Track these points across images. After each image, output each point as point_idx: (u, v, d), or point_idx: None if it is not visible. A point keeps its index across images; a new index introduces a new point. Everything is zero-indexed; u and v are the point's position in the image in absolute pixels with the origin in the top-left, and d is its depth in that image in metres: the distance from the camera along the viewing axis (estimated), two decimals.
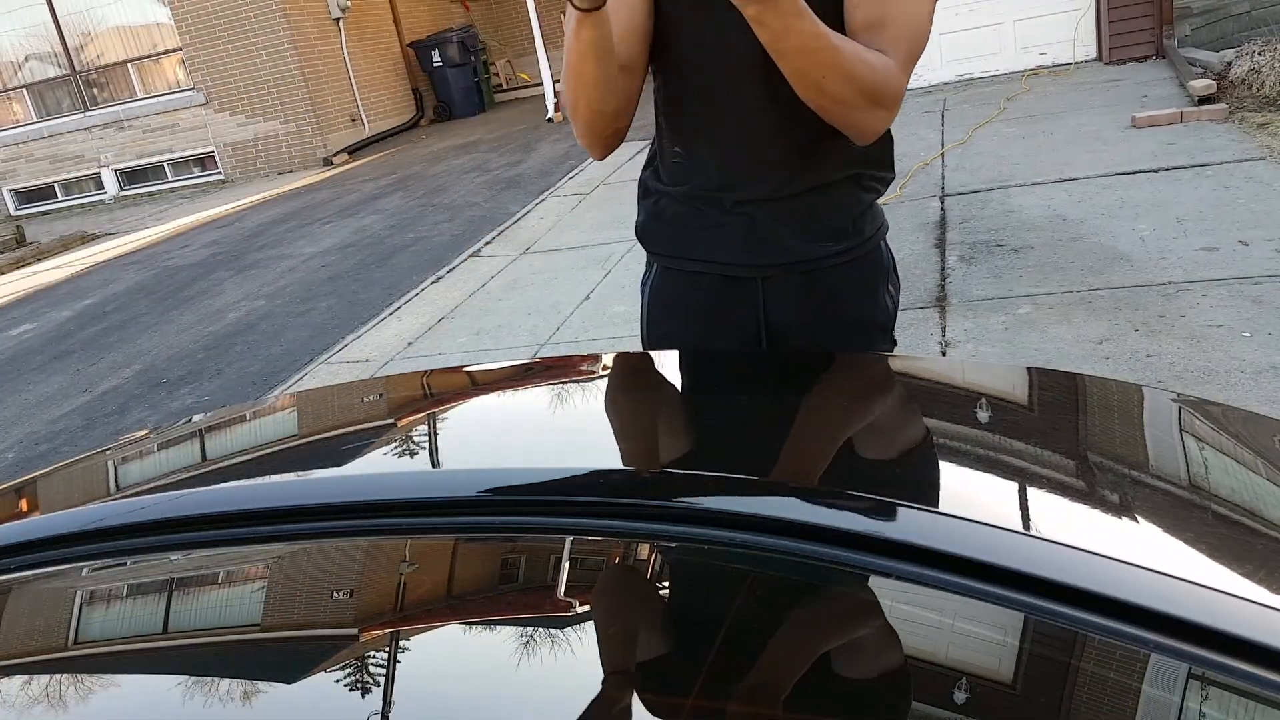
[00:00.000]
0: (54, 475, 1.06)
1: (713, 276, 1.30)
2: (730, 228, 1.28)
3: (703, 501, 0.63)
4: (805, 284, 1.27)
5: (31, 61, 12.49)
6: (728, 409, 0.92)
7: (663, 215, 1.35)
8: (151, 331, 5.63)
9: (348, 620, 0.61)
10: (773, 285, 1.27)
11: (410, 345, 4.42)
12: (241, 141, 11.66)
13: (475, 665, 0.54)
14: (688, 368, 1.11)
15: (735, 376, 1.05)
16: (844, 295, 1.28)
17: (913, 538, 0.54)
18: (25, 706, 0.55)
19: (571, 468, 0.76)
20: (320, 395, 1.54)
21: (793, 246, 1.26)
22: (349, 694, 0.53)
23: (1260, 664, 0.44)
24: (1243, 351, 2.81)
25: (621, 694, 0.49)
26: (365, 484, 0.78)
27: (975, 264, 3.91)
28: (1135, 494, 0.67)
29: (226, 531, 0.71)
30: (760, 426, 0.83)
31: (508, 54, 14.81)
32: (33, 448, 4.17)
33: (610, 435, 0.89)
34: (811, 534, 0.57)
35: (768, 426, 0.83)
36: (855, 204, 1.30)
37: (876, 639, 0.52)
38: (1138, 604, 0.47)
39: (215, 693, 0.54)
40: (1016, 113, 6.29)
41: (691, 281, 1.32)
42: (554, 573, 0.64)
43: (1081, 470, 0.72)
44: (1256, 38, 6.25)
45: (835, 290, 1.28)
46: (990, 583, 0.51)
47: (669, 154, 1.31)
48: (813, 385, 1.01)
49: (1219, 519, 0.63)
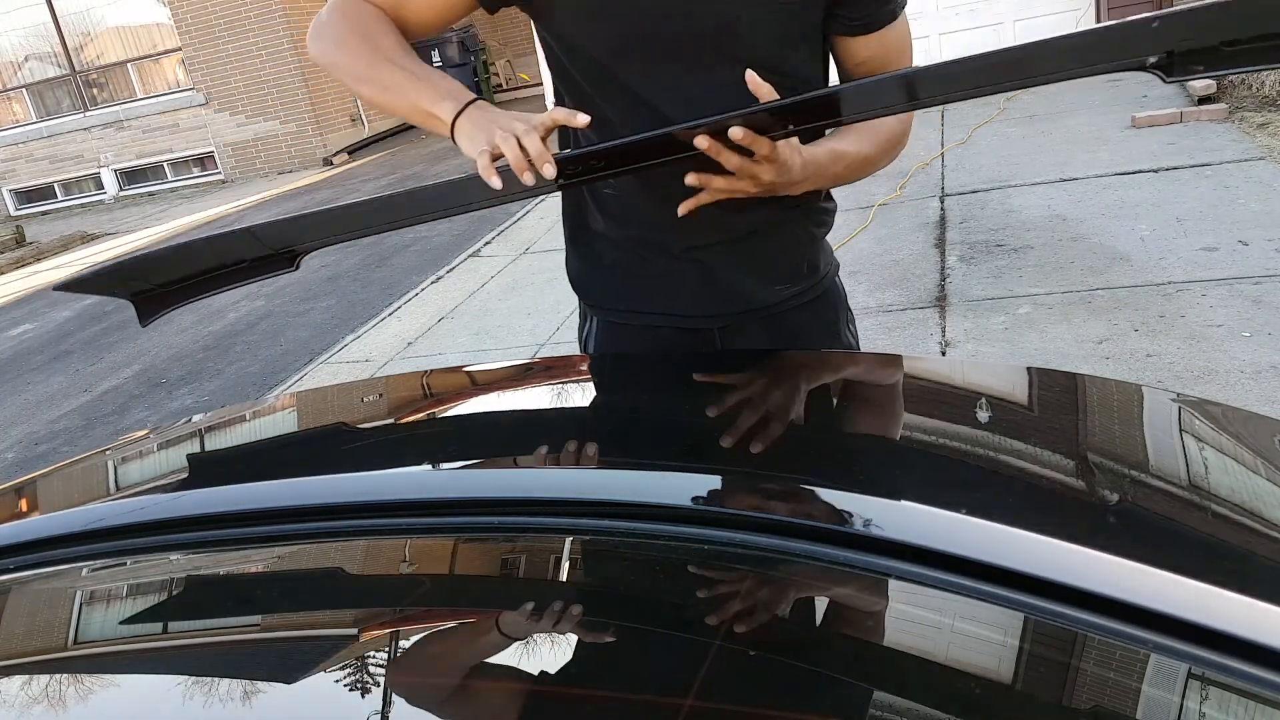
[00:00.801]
0: (54, 475, 1.06)
1: (665, 330, 1.19)
2: (681, 276, 1.16)
3: (703, 502, 0.63)
4: (765, 330, 1.19)
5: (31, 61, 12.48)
6: (728, 409, 0.92)
7: (601, 262, 1.22)
8: (151, 331, 5.63)
9: (348, 620, 0.61)
10: (730, 335, 1.18)
11: (410, 345, 4.42)
12: (241, 142, 11.66)
13: (475, 665, 0.54)
14: (688, 368, 1.11)
15: (736, 377, 1.05)
16: (808, 338, 1.22)
17: (912, 538, 0.54)
18: (25, 706, 0.55)
19: (571, 468, 0.76)
20: (320, 395, 1.54)
21: (752, 292, 1.17)
22: (349, 694, 0.53)
23: (1260, 664, 0.44)
24: (1243, 351, 2.81)
25: (621, 694, 0.49)
26: (365, 484, 0.78)
27: (975, 264, 3.90)
28: (1135, 494, 0.67)
29: (226, 531, 0.71)
30: (761, 427, 0.83)
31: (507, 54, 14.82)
32: (33, 448, 4.17)
33: (610, 435, 0.89)
34: (812, 535, 0.57)
35: (768, 427, 0.83)
36: (809, 240, 1.22)
37: (876, 639, 0.52)
38: (1138, 604, 0.47)
39: (215, 693, 0.54)
40: (1016, 113, 6.29)
41: (640, 336, 1.20)
42: (554, 573, 0.64)
43: (1081, 470, 0.72)
44: None
45: (798, 333, 1.20)
46: (990, 583, 0.51)
47: (599, 189, 1.18)
48: (814, 386, 1.01)
49: (1219, 519, 0.63)
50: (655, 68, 1.07)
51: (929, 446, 0.78)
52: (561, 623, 0.56)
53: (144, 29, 11.93)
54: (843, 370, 1.09)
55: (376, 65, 1.09)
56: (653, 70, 1.07)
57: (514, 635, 0.56)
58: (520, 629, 0.56)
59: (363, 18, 1.11)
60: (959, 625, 0.52)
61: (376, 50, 1.09)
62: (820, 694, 0.47)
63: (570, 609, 0.58)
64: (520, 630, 0.56)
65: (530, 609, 0.58)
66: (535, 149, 0.96)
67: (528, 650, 0.53)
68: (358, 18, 1.11)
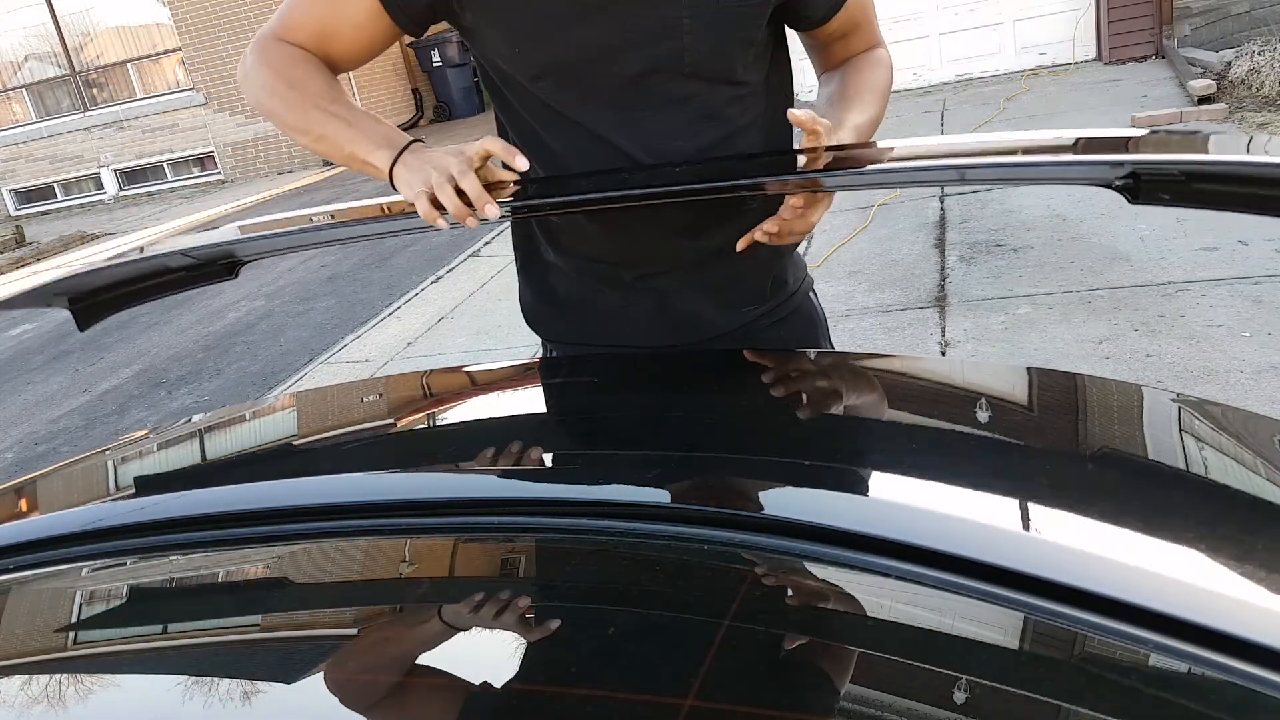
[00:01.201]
0: (54, 475, 1.06)
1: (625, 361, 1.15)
2: (636, 307, 1.12)
3: (703, 502, 0.63)
4: None
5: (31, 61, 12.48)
6: (728, 409, 0.92)
7: (554, 295, 1.17)
8: (151, 331, 5.63)
9: (348, 620, 0.61)
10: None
11: (410, 345, 4.42)
12: (241, 141, 11.66)
13: (475, 666, 0.54)
14: (688, 367, 1.11)
15: (736, 377, 1.05)
16: None
17: (911, 538, 0.54)
18: (25, 706, 0.55)
19: (571, 468, 0.76)
20: (320, 395, 1.54)
21: (712, 319, 1.12)
22: (348, 693, 0.53)
23: (1260, 664, 0.44)
24: (1242, 351, 2.81)
25: (621, 695, 0.49)
26: (365, 484, 0.78)
27: (975, 264, 3.90)
28: (1135, 494, 0.67)
29: (226, 531, 0.71)
30: (761, 426, 0.83)
31: None
32: (32, 448, 4.17)
33: (610, 435, 0.89)
34: (811, 535, 0.57)
35: (769, 426, 0.83)
36: (774, 256, 1.14)
37: (874, 640, 0.52)
38: (1138, 604, 0.47)
39: (215, 693, 0.54)
40: (1016, 113, 6.29)
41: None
42: (554, 573, 0.64)
43: (1080, 470, 0.72)
44: (1256, 38, 6.25)
45: None
46: (990, 583, 0.51)
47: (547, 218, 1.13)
48: (815, 386, 1.01)
49: (1219, 519, 0.63)
50: (596, 95, 1.01)
51: (929, 447, 0.78)
52: (561, 623, 0.56)
53: (144, 29, 11.93)
54: (844, 371, 1.09)
55: (307, 114, 1.04)
56: (593, 97, 1.01)
57: (513, 635, 0.56)
58: (520, 629, 0.56)
59: (289, 62, 1.06)
60: (959, 625, 0.52)
61: (305, 97, 1.04)
62: (820, 695, 0.47)
63: (570, 609, 0.58)
64: (520, 631, 0.56)
65: (530, 609, 0.58)
66: (473, 190, 0.93)
67: (527, 651, 0.53)
68: (283, 63, 1.06)
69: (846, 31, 1.12)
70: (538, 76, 1.02)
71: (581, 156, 1.04)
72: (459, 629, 0.57)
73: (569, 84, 1.01)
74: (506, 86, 1.06)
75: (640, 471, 0.73)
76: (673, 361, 1.14)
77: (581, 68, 0.99)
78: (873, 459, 0.75)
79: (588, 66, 0.99)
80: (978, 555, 0.52)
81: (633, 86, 1.00)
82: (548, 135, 1.05)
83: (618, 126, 1.02)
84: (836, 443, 0.81)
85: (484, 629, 0.57)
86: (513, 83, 1.05)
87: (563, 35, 0.98)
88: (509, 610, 0.57)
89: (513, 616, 0.57)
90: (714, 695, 0.47)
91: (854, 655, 0.51)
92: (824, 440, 0.81)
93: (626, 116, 1.01)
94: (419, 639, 0.57)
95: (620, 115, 1.01)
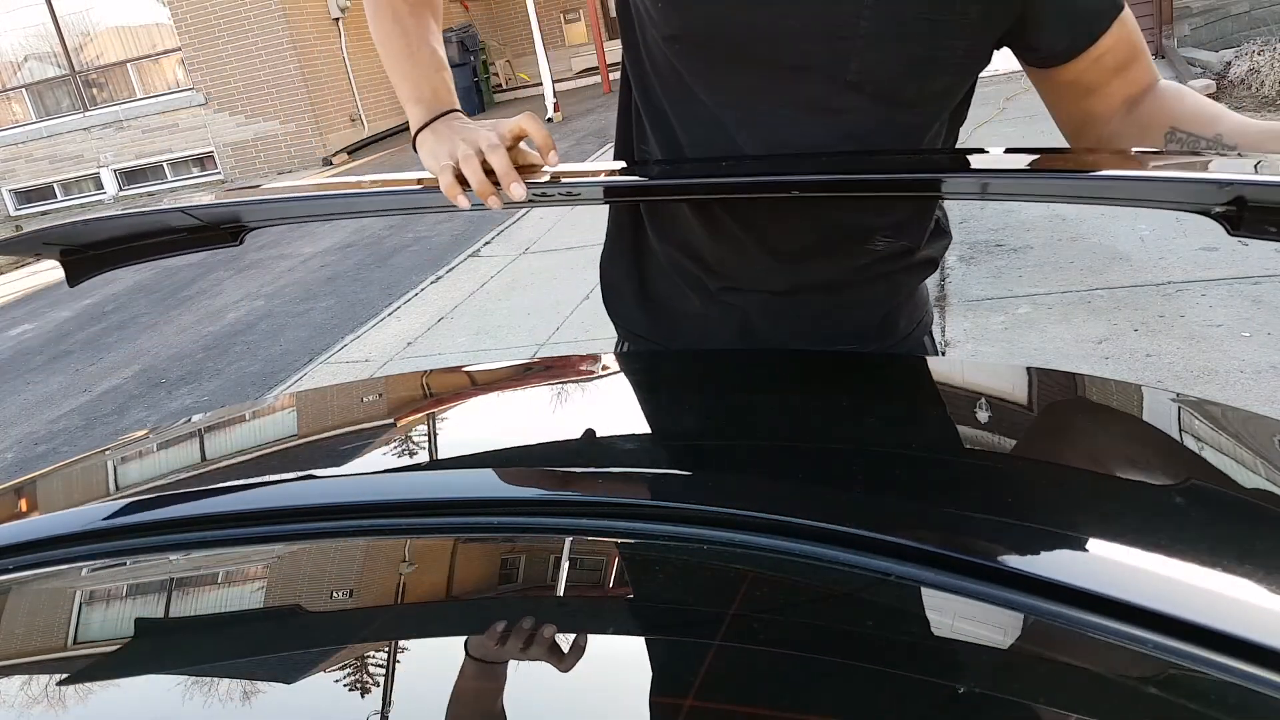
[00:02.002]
0: (53, 475, 1.06)
1: None
2: (716, 322, 1.01)
3: (703, 502, 0.63)
4: None
5: (31, 61, 12.48)
6: (728, 409, 0.92)
7: (642, 282, 1.05)
8: (151, 331, 5.63)
9: (347, 620, 0.61)
10: None
11: (410, 345, 4.42)
12: (241, 142, 11.65)
13: (474, 666, 0.54)
14: (689, 367, 1.11)
15: (737, 377, 1.05)
16: None
17: (910, 540, 0.54)
18: (25, 706, 0.55)
19: (571, 468, 0.76)
20: (320, 395, 1.54)
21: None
22: (349, 694, 0.53)
23: (1260, 664, 0.44)
24: (1242, 351, 2.81)
25: (620, 695, 0.50)
26: (365, 484, 0.78)
27: (975, 264, 3.90)
28: (1134, 494, 0.67)
29: (226, 531, 0.71)
30: (762, 426, 0.83)
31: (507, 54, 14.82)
32: (32, 448, 4.17)
33: (611, 435, 0.89)
34: (812, 535, 0.57)
35: (769, 426, 0.83)
36: (891, 293, 1.00)
37: (874, 641, 0.52)
38: (1138, 604, 0.47)
39: (215, 693, 0.54)
40: (1016, 112, 6.29)
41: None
42: (554, 573, 0.64)
43: (1079, 470, 0.72)
44: (1256, 38, 6.25)
45: None
46: (990, 583, 0.51)
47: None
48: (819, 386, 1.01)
49: (1218, 519, 0.63)
50: (734, 76, 0.86)
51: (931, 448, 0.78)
52: (561, 624, 0.56)
53: (143, 29, 11.93)
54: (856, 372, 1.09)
55: (387, 41, 0.99)
56: (729, 79, 0.86)
57: (513, 636, 0.56)
58: (519, 629, 0.56)
59: None
60: (959, 626, 0.52)
61: (396, 21, 0.99)
62: (820, 695, 0.47)
63: (569, 610, 0.58)
64: (519, 631, 0.56)
65: (529, 610, 0.58)
66: (501, 166, 0.86)
67: (526, 651, 0.53)
68: None
69: (1125, 62, 0.86)
70: (674, 36, 0.87)
71: (694, 149, 0.91)
72: (459, 630, 0.57)
73: (707, 54, 0.86)
74: (643, 37, 0.93)
75: (640, 471, 0.73)
76: (673, 361, 1.14)
77: (729, 37, 0.84)
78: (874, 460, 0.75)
79: (737, 39, 0.84)
80: (977, 556, 0.53)
81: (779, 79, 0.85)
82: (671, 108, 0.93)
83: (746, 123, 0.88)
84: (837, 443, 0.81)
85: (483, 629, 0.57)
86: (649, 39, 0.92)
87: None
88: (508, 610, 0.57)
89: (511, 617, 0.57)
90: (714, 696, 0.47)
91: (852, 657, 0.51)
92: (825, 441, 0.81)
93: (760, 114, 0.87)
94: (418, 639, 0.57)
95: (752, 111, 0.87)
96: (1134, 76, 0.87)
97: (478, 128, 0.92)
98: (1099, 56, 0.85)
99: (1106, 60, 0.85)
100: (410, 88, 0.97)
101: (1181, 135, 0.83)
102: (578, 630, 0.56)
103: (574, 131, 9.66)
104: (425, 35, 1.00)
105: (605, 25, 12.71)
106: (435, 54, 1.00)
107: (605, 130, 9.28)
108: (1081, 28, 0.84)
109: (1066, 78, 0.87)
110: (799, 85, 0.84)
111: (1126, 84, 0.87)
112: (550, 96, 10.55)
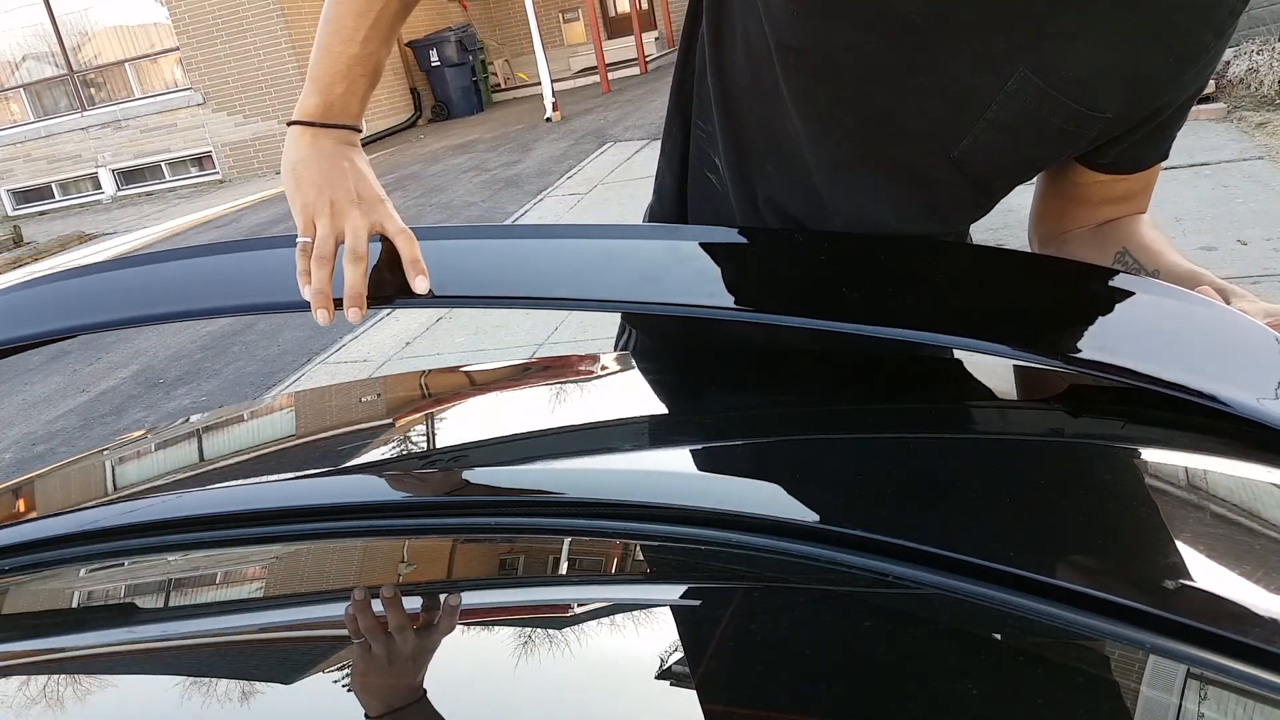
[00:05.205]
0: (51, 476, 1.06)
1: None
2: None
3: (704, 502, 0.63)
4: None
5: (29, 61, 12.48)
6: (729, 409, 0.92)
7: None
8: (149, 331, 5.63)
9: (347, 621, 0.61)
10: None
11: (408, 345, 4.42)
12: (239, 141, 11.66)
13: (474, 666, 0.54)
14: (688, 367, 1.11)
15: (739, 377, 1.05)
16: None
17: (905, 539, 0.54)
18: (25, 706, 0.55)
19: (571, 468, 0.75)
20: (318, 395, 1.54)
21: None
22: (349, 694, 0.53)
23: (1260, 665, 0.44)
24: None
25: (620, 694, 0.49)
26: (365, 484, 0.78)
27: None
28: (1134, 493, 0.67)
29: (226, 532, 0.71)
30: (761, 426, 0.83)
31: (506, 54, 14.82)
32: (30, 448, 4.16)
33: (611, 435, 0.89)
34: (812, 535, 0.57)
35: (769, 426, 0.83)
36: None
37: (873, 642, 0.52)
38: (1138, 604, 0.47)
39: (215, 693, 0.54)
40: None
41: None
42: (554, 573, 0.64)
43: (1078, 470, 0.72)
44: (1255, 37, 6.25)
45: None
46: (989, 584, 0.51)
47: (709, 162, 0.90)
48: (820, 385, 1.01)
49: (1218, 519, 0.63)
50: (835, 105, 0.77)
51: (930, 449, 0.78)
52: (561, 623, 0.56)
53: (142, 29, 11.93)
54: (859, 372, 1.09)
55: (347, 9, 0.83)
56: (830, 106, 0.77)
57: (513, 636, 0.55)
58: (519, 630, 0.56)
59: None
60: (958, 625, 0.52)
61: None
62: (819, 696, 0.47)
63: (569, 610, 0.58)
64: (519, 631, 0.56)
65: (529, 610, 0.58)
66: (352, 284, 0.79)
67: (526, 651, 0.53)
68: None
69: (1134, 193, 0.88)
70: (795, 49, 0.75)
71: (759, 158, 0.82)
72: (458, 630, 0.57)
73: (819, 76, 0.76)
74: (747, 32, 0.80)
75: (640, 472, 0.73)
76: (673, 361, 1.14)
77: (853, 71, 0.74)
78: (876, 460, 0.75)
79: (859, 75, 0.74)
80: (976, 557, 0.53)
81: (882, 127, 0.77)
82: (752, 112, 0.83)
83: (828, 163, 0.80)
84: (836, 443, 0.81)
85: (483, 629, 0.57)
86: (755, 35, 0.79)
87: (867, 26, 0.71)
88: (509, 610, 0.57)
89: (512, 617, 0.57)
90: (713, 696, 0.47)
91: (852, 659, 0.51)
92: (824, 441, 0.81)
93: (843, 154, 0.79)
94: (417, 639, 0.57)
95: (837, 149, 0.79)
96: (1130, 208, 0.89)
97: (351, 205, 0.84)
98: (1127, 181, 0.86)
99: (1129, 186, 0.86)
100: (327, 69, 0.83)
101: (1129, 260, 0.85)
102: (577, 630, 0.56)
103: (573, 131, 9.66)
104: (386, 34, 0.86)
105: (604, 25, 12.70)
106: (378, 59, 0.87)
107: (604, 130, 9.29)
108: (1157, 151, 0.83)
109: (1084, 180, 0.87)
110: (899, 141, 0.78)
111: (1120, 210, 0.89)
112: (549, 96, 10.55)
